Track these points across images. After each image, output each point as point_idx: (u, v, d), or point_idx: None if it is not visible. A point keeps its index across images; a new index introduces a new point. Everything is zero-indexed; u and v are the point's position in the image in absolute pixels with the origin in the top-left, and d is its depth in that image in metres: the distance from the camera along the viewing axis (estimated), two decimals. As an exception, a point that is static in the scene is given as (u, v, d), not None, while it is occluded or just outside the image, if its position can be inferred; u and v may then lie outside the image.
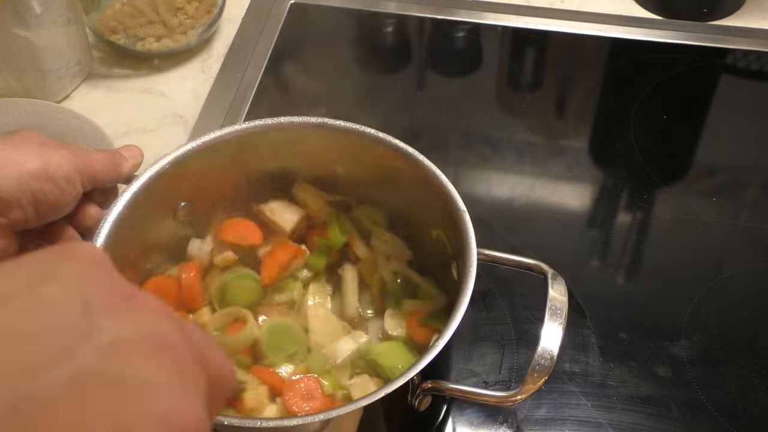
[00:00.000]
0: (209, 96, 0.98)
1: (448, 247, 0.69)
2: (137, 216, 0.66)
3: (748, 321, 0.79)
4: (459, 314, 0.58)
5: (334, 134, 0.71)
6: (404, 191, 0.71)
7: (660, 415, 0.71)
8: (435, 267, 0.72)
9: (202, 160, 0.70)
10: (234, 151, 0.71)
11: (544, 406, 0.72)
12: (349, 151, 0.72)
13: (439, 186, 0.67)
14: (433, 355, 0.56)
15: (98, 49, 1.03)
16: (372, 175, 0.73)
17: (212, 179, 0.72)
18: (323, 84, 1.03)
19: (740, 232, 0.87)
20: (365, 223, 0.75)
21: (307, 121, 0.71)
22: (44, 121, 0.92)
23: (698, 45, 1.06)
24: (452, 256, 0.68)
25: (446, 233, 0.69)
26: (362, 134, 0.70)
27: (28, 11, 0.89)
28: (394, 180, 0.71)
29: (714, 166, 0.95)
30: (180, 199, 0.71)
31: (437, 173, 0.67)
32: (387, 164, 0.70)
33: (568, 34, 1.07)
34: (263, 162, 0.73)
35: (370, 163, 0.72)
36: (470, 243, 0.63)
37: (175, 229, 0.72)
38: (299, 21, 1.09)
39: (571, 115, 0.99)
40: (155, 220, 0.70)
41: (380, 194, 0.74)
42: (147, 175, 0.67)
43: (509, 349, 0.76)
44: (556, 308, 0.60)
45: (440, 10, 1.10)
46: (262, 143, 0.72)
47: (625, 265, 0.84)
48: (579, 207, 0.89)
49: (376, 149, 0.70)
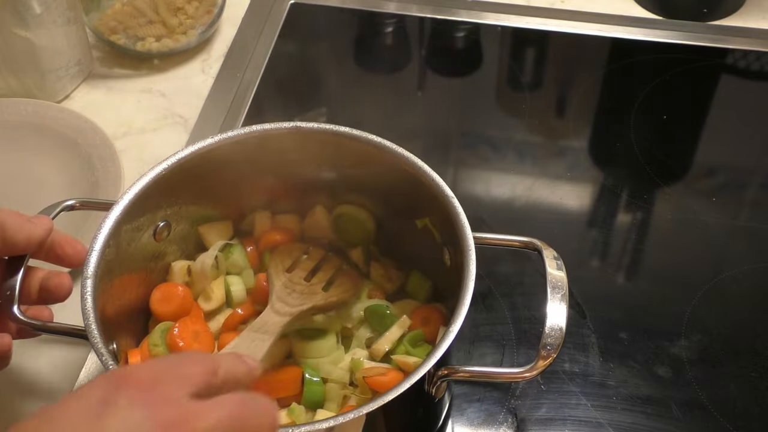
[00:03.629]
0: (209, 96, 0.98)
1: (436, 235, 0.70)
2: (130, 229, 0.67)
3: (748, 321, 0.79)
4: (467, 297, 0.59)
5: (309, 136, 0.71)
6: (386, 185, 0.72)
7: (660, 415, 0.71)
8: (420, 258, 0.73)
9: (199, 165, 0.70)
10: (219, 161, 0.71)
11: (544, 406, 0.72)
12: (325, 152, 0.72)
13: (423, 176, 0.68)
14: (450, 341, 0.57)
15: (98, 49, 1.03)
16: (352, 173, 0.73)
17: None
18: (323, 84, 1.03)
19: (740, 232, 0.87)
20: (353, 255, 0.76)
21: (281, 126, 0.71)
22: (44, 121, 0.92)
23: (698, 45, 1.06)
24: (442, 243, 0.69)
25: (433, 222, 0.70)
26: (337, 133, 0.71)
27: (28, 11, 0.89)
28: (375, 176, 0.72)
29: (714, 166, 0.95)
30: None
31: (419, 164, 0.68)
32: (366, 161, 0.71)
33: (568, 34, 1.07)
34: (246, 172, 0.73)
35: (349, 162, 0.72)
36: (464, 226, 0.64)
37: (155, 249, 0.71)
38: (299, 21, 1.09)
39: (571, 115, 0.99)
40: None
41: (362, 192, 0.74)
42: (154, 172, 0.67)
43: (509, 349, 0.76)
44: (556, 283, 0.61)
45: (440, 10, 1.10)
46: (236, 154, 0.71)
47: (625, 265, 0.84)
48: (579, 207, 0.89)
49: (354, 146, 0.71)
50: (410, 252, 0.74)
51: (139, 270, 0.70)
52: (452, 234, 0.65)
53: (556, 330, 0.59)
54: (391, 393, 0.55)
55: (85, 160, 0.88)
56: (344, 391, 0.66)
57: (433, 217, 0.70)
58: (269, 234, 0.76)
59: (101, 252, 0.63)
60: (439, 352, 0.57)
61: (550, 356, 0.58)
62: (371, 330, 0.70)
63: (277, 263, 0.71)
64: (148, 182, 0.68)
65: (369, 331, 0.70)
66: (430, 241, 0.70)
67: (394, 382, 0.61)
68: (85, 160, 0.88)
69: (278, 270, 0.71)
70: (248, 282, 0.73)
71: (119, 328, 0.65)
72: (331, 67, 1.05)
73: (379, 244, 0.76)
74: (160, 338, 0.67)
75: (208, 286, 0.71)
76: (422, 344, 0.68)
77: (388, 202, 0.74)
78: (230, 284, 0.72)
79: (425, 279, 0.73)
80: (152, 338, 0.67)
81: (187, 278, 0.72)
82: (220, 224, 0.75)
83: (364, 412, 0.55)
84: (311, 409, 0.65)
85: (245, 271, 0.74)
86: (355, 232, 0.76)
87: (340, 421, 0.54)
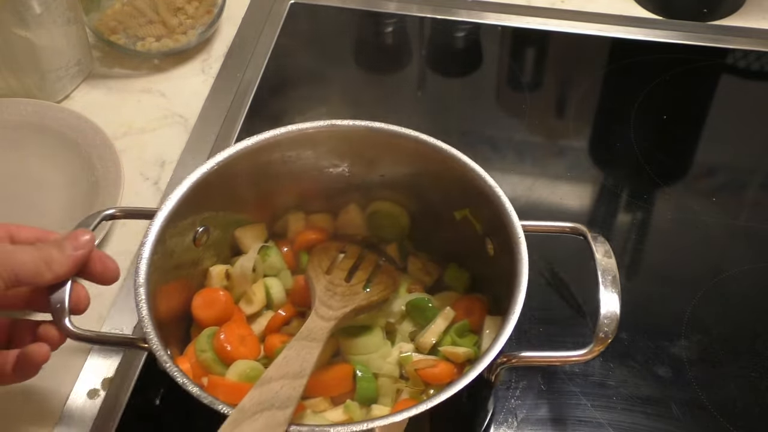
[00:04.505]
0: (209, 96, 0.98)
1: (477, 226, 0.71)
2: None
3: (748, 321, 0.79)
4: (523, 284, 0.62)
5: (344, 134, 0.72)
6: (421, 180, 0.73)
7: (660, 415, 0.71)
8: (458, 250, 0.73)
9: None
10: (247, 167, 0.71)
11: (544, 406, 0.72)
12: (360, 149, 0.73)
13: (462, 167, 0.69)
14: (511, 327, 0.59)
15: (98, 49, 1.03)
16: (387, 169, 0.74)
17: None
18: (323, 84, 1.03)
19: (740, 232, 0.87)
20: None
21: (317, 125, 0.72)
22: (44, 121, 0.92)
23: (698, 45, 1.06)
24: (485, 234, 0.70)
25: (473, 213, 0.70)
26: (373, 130, 0.71)
27: (28, 11, 0.89)
28: (411, 170, 0.73)
29: (714, 166, 0.95)
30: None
31: (458, 155, 0.69)
32: (402, 156, 0.72)
33: (568, 34, 1.07)
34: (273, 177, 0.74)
35: (384, 158, 0.73)
36: (511, 215, 0.66)
37: (194, 255, 0.71)
38: (299, 21, 1.09)
39: (571, 115, 0.99)
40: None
41: (396, 188, 0.75)
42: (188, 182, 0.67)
43: (509, 349, 0.75)
44: (607, 271, 0.64)
45: (440, 10, 1.10)
46: (265, 157, 0.72)
47: (625, 265, 0.84)
48: (579, 207, 0.89)
49: (390, 142, 0.71)
50: (446, 245, 0.74)
51: (181, 276, 0.70)
52: (496, 223, 0.66)
53: (611, 317, 0.61)
54: (462, 381, 0.56)
55: (85, 160, 0.88)
56: (397, 385, 0.67)
57: (472, 208, 0.70)
58: (304, 234, 0.76)
59: (149, 259, 0.63)
60: (503, 339, 0.59)
61: (608, 339, 0.61)
62: (413, 324, 0.71)
63: (315, 265, 0.71)
64: (190, 186, 0.67)
65: (412, 324, 0.71)
66: (470, 233, 0.71)
67: (445, 372, 0.66)
68: (85, 160, 0.88)
69: (317, 273, 0.71)
70: (286, 283, 0.73)
71: (165, 336, 0.64)
72: (331, 67, 1.05)
73: (414, 238, 0.77)
74: (207, 343, 0.67)
75: (249, 289, 0.71)
76: (468, 335, 0.70)
77: (422, 197, 0.74)
78: (270, 287, 0.72)
79: (463, 270, 0.74)
80: (199, 343, 0.67)
81: (226, 282, 0.72)
82: (255, 227, 0.75)
83: (436, 402, 0.55)
84: (365, 404, 0.66)
85: (282, 272, 0.74)
86: (390, 228, 0.76)
87: (413, 412, 0.55)
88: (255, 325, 0.71)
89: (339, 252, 0.74)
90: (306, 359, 0.60)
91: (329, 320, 0.65)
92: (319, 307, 0.66)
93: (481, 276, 0.73)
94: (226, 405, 0.55)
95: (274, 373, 0.58)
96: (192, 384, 0.56)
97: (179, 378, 0.56)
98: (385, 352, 0.68)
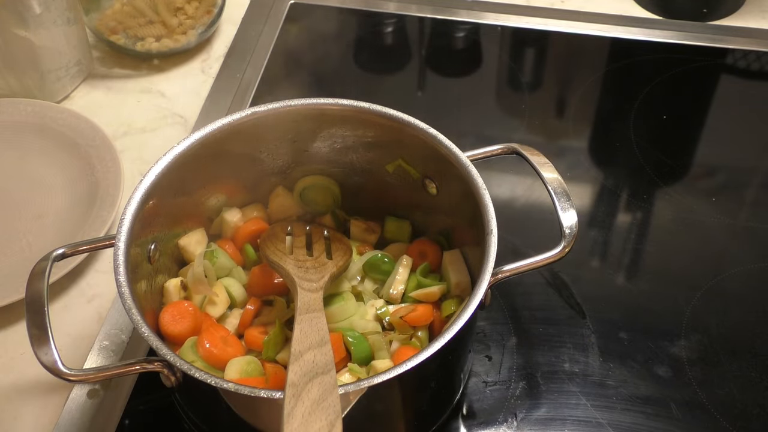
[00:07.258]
0: (209, 96, 0.98)
1: (411, 172, 0.74)
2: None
3: (747, 321, 0.79)
4: (488, 201, 0.66)
5: (264, 120, 0.73)
6: (348, 144, 0.75)
7: (660, 415, 0.72)
8: (393, 202, 0.77)
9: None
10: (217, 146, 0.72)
11: (544, 406, 0.72)
12: (280, 132, 0.74)
13: (389, 120, 0.72)
14: (495, 247, 0.63)
15: (98, 49, 1.03)
16: (308, 145, 0.76)
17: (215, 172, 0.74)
18: (323, 84, 1.03)
19: (740, 232, 0.87)
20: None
21: (239, 116, 0.73)
22: (44, 121, 0.92)
23: (698, 45, 1.06)
24: (423, 176, 0.74)
25: (406, 160, 0.73)
26: (291, 108, 0.73)
27: (28, 11, 0.89)
28: (332, 140, 0.75)
29: (714, 166, 0.95)
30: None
31: (383, 110, 0.72)
32: (322, 127, 0.74)
33: (568, 34, 1.07)
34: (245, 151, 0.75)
35: (304, 134, 0.75)
36: (450, 147, 0.69)
37: (150, 272, 0.70)
38: (299, 21, 1.09)
39: (571, 115, 0.99)
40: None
41: (319, 160, 0.77)
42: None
43: (509, 349, 0.76)
44: (557, 188, 0.69)
45: (440, 10, 1.10)
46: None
47: (625, 265, 0.84)
48: (579, 207, 0.89)
49: (312, 116, 0.74)
50: (381, 200, 0.77)
51: (146, 295, 0.68)
52: (435, 163, 0.70)
53: (572, 225, 0.66)
54: (471, 304, 0.60)
55: (85, 160, 0.88)
56: (388, 337, 0.69)
57: (405, 156, 0.73)
58: (243, 227, 0.77)
59: (129, 282, 0.62)
60: (492, 257, 0.62)
61: (571, 243, 0.66)
62: (374, 281, 0.74)
63: (273, 251, 0.72)
64: (135, 210, 0.66)
65: (372, 282, 0.74)
66: (405, 181, 0.74)
67: (426, 313, 0.70)
68: (85, 160, 0.88)
69: (280, 256, 0.71)
70: (241, 279, 0.74)
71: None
72: (331, 67, 1.05)
73: (347, 203, 0.79)
74: (193, 353, 0.66)
75: (208, 293, 0.71)
76: (431, 275, 0.74)
77: (348, 161, 0.76)
78: (228, 285, 0.73)
79: (402, 220, 0.77)
80: (186, 356, 0.66)
81: (184, 294, 0.72)
82: (195, 233, 0.75)
83: (461, 325, 0.58)
84: (365, 364, 0.67)
85: (234, 269, 0.74)
86: (323, 199, 0.79)
87: (441, 343, 0.57)
88: (227, 326, 0.71)
89: (286, 234, 0.75)
90: (320, 327, 0.62)
91: (317, 291, 0.67)
92: (301, 282, 0.67)
93: (421, 222, 0.77)
94: (267, 390, 0.55)
95: (300, 347, 0.59)
96: (235, 384, 0.56)
97: (217, 383, 0.56)
98: (363, 312, 0.71)
